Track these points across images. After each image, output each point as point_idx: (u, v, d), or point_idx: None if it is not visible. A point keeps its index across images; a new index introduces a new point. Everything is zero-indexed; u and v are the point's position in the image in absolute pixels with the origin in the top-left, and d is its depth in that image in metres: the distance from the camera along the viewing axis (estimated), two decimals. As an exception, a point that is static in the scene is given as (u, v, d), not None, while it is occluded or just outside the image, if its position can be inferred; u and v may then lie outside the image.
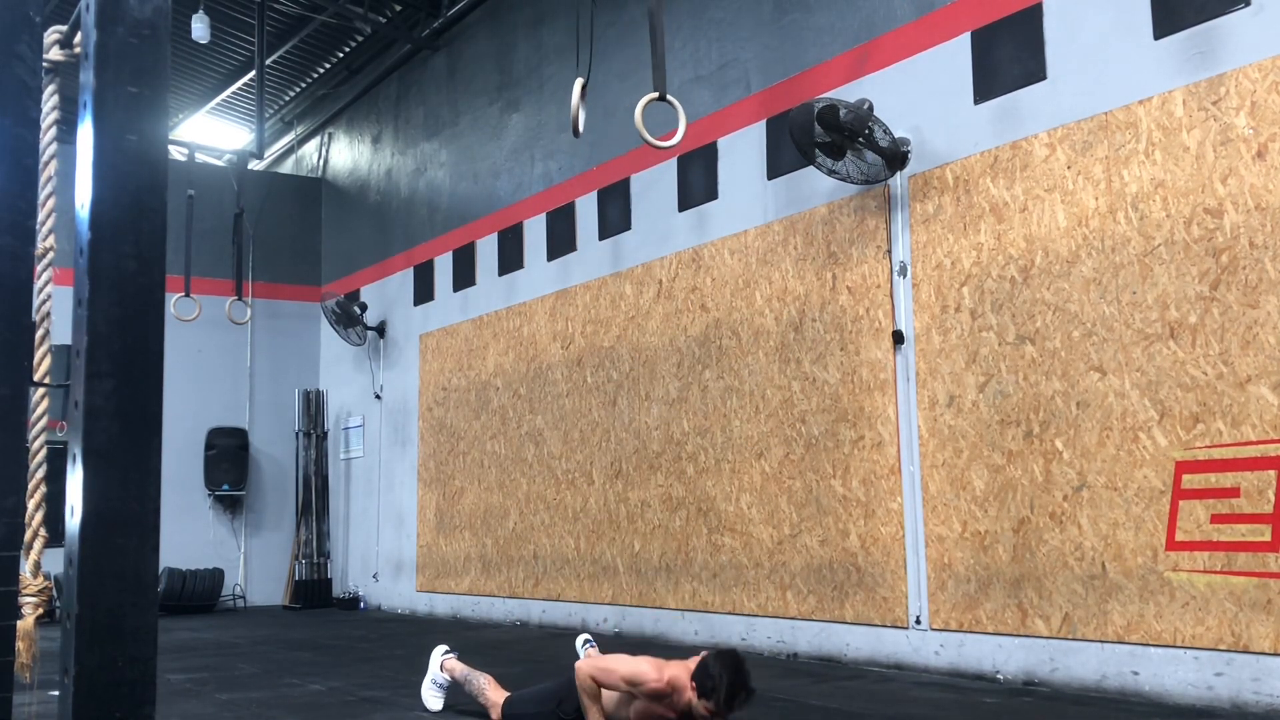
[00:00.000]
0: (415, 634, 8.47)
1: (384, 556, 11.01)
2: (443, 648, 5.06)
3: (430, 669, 5.00)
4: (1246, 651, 4.34)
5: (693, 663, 3.95)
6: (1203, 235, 4.65)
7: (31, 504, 2.01)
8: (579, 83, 4.59)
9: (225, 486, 11.64)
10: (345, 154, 12.63)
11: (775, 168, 6.80)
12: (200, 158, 12.61)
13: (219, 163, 13.59)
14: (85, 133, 1.64)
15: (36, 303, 2.01)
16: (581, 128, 4.62)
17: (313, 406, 12.13)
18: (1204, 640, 4.48)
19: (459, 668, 4.91)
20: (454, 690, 4.98)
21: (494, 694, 4.70)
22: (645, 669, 4.04)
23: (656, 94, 4.48)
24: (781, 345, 6.58)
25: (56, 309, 2.13)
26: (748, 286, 6.88)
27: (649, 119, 4.49)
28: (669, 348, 7.42)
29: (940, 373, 5.66)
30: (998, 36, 5.60)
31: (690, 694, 3.94)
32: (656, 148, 4.56)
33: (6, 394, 1.88)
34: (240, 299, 10.75)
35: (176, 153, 10.68)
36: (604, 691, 4.16)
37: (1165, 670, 4.60)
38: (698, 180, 7.39)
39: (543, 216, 8.97)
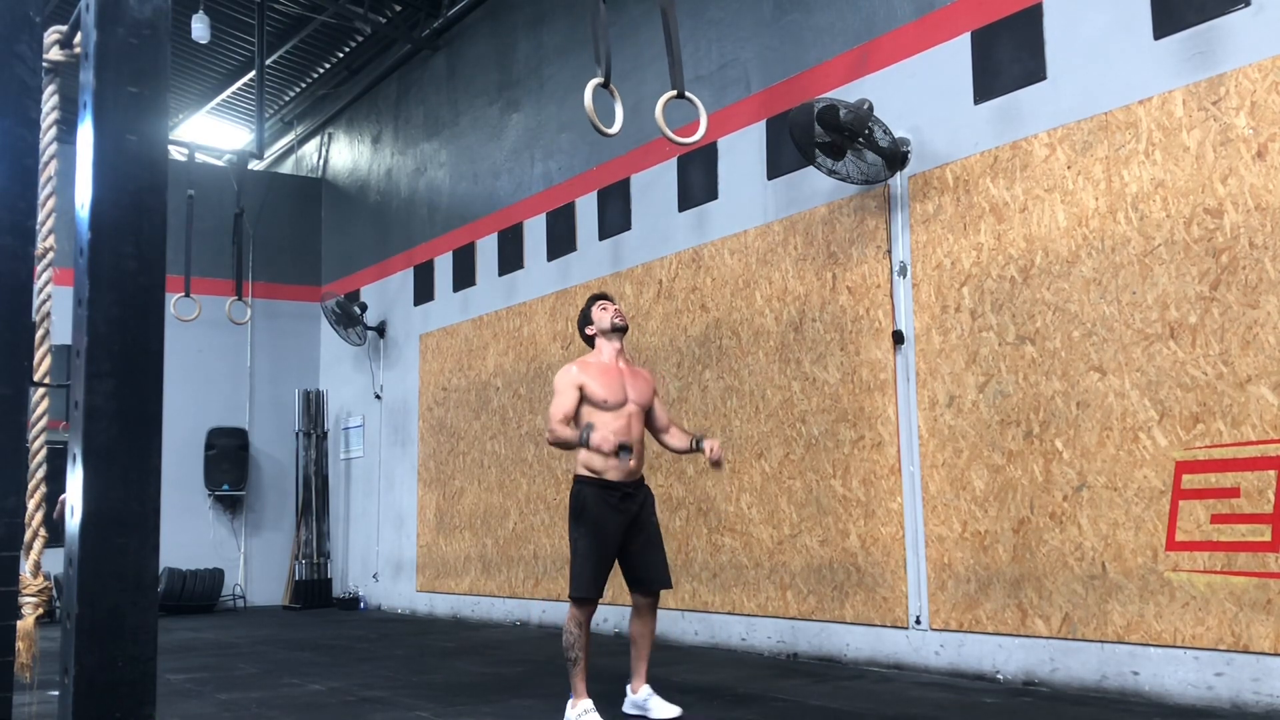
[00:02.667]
0: (415, 634, 8.47)
1: (384, 556, 11.02)
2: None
3: None
4: (1246, 651, 4.34)
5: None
6: (1203, 235, 4.65)
7: (31, 504, 2.01)
8: (594, 82, 4.57)
9: (225, 486, 11.64)
10: (345, 154, 12.63)
11: (775, 168, 6.80)
12: (200, 158, 12.61)
13: (219, 163, 13.59)
14: (85, 133, 1.64)
15: (36, 303, 2.01)
16: (617, 126, 4.56)
17: (313, 406, 12.14)
18: (1204, 640, 4.48)
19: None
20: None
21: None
22: (567, 371, 4.57)
23: (675, 91, 4.53)
24: (781, 345, 6.58)
25: (56, 309, 2.13)
26: (748, 286, 6.88)
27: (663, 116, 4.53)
28: (669, 348, 7.42)
29: (940, 373, 5.66)
30: (998, 36, 5.60)
31: (594, 338, 4.73)
32: (679, 144, 4.60)
33: (6, 394, 1.88)
34: (240, 299, 10.75)
35: (176, 153, 10.68)
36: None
37: (1165, 670, 4.60)
38: (698, 180, 7.39)
39: (543, 216, 8.97)
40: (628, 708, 4.67)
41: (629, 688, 4.69)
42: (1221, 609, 4.43)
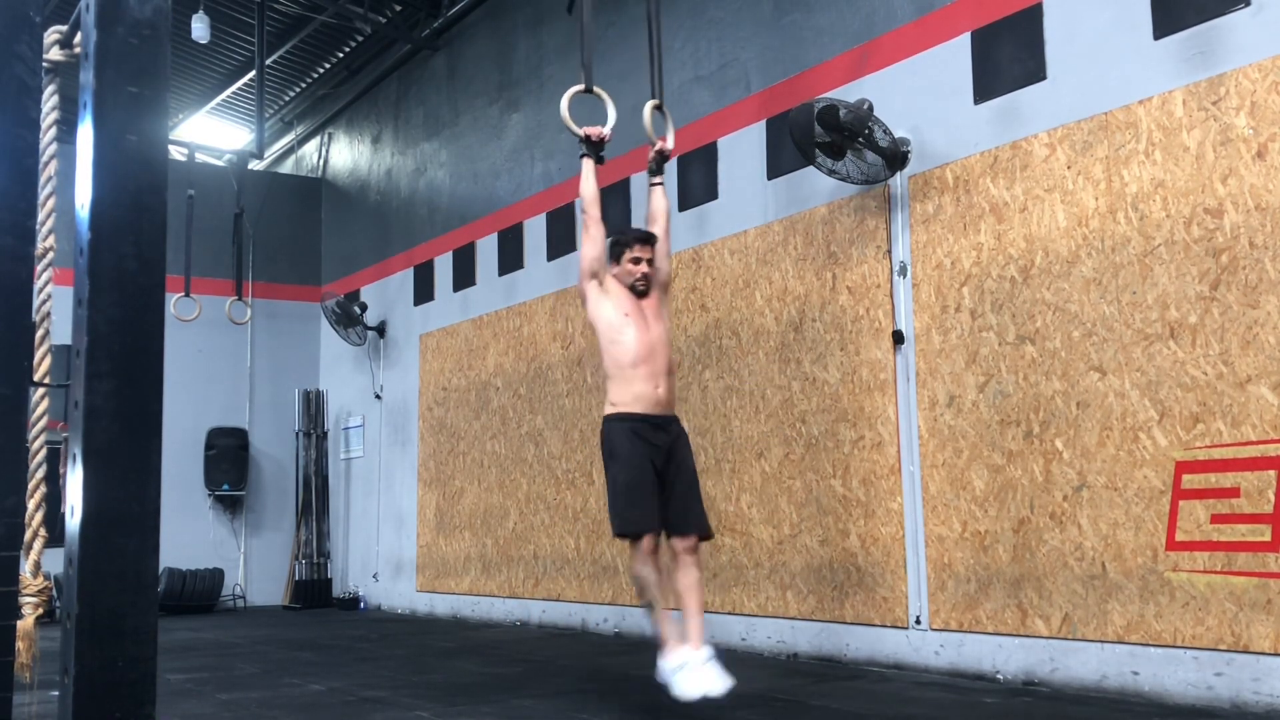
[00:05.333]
0: (415, 634, 8.47)
1: (384, 556, 11.02)
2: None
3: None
4: (1246, 651, 4.34)
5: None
6: (1203, 235, 4.65)
7: (31, 504, 2.01)
8: (574, 89, 4.72)
9: (225, 486, 11.63)
10: (345, 154, 12.63)
11: (775, 168, 6.79)
12: (200, 158, 12.60)
13: (219, 163, 13.59)
14: (85, 133, 1.64)
15: (36, 303, 2.01)
16: (609, 127, 4.71)
17: (313, 406, 12.13)
18: (1204, 640, 4.48)
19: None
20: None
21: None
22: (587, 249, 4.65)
23: (655, 102, 4.75)
24: (781, 345, 6.58)
25: (56, 309, 2.13)
26: (748, 286, 6.88)
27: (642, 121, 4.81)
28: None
29: (940, 373, 5.66)
30: (998, 36, 5.60)
31: (614, 274, 4.68)
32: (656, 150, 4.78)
33: (6, 394, 1.88)
34: (240, 299, 10.75)
35: (176, 153, 10.67)
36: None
37: (1165, 670, 4.60)
38: (697, 180, 7.39)
39: (543, 216, 8.97)
40: (692, 678, 4.07)
41: (686, 648, 4.13)
42: (1221, 609, 4.43)
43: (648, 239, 4.70)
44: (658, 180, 4.87)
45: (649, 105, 4.77)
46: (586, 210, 4.62)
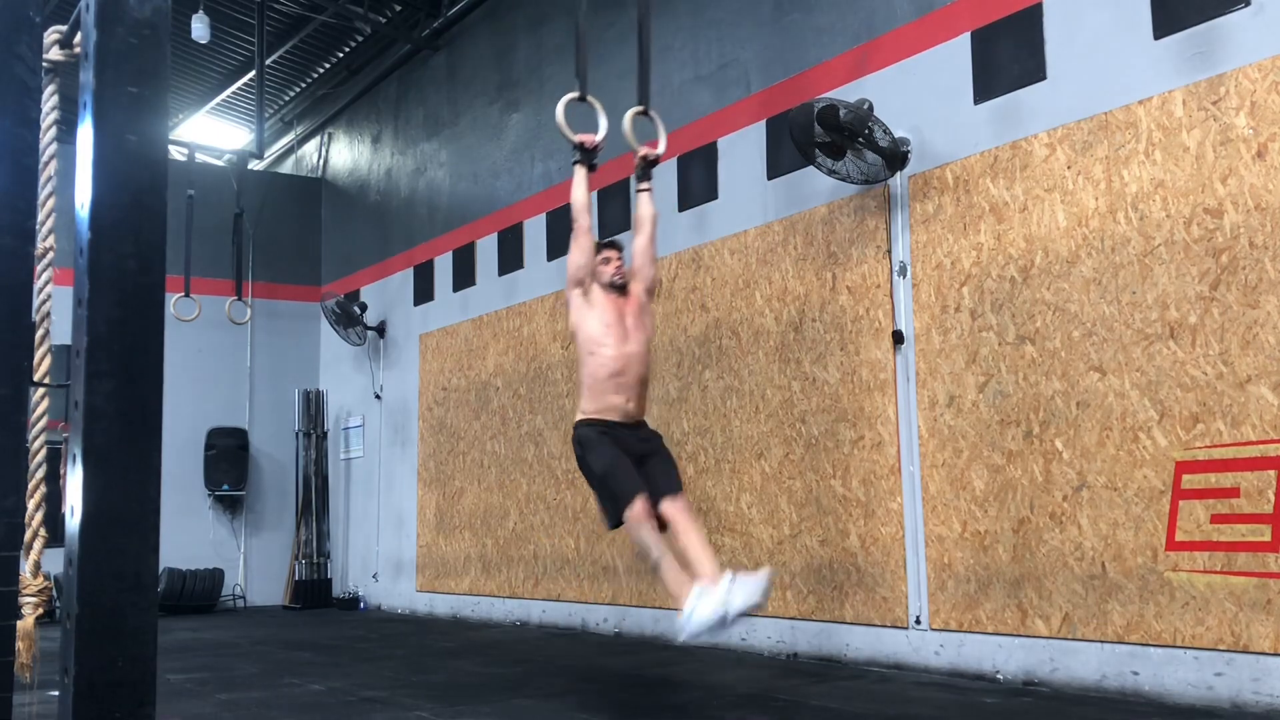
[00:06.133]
0: (415, 634, 8.47)
1: (384, 556, 11.02)
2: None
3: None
4: (1246, 651, 4.34)
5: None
6: (1203, 235, 4.65)
7: (31, 504, 2.01)
8: (568, 96, 4.76)
9: (225, 486, 11.63)
10: (345, 154, 12.63)
11: (775, 168, 6.79)
12: (200, 158, 12.59)
13: (219, 163, 13.58)
14: (85, 133, 1.64)
15: (36, 303, 2.01)
16: (600, 134, 4.75)
17: (313, 406, 12.13)
18: (1204, 640, 4.48)
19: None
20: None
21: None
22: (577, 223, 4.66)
23: (641, 108, 4.80)
24: (781, 345, 6.58)
25: (56, 309, 2.13)
26: (748, 286, 6.88)
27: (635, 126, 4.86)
28: (669, 348, 7.41)
29: (940, 373, 5.66)
30: (998, 36, 5.60)
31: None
32: (640, 156, 4.87)
33: (6, 394, 1.88)
34: (240, 299, 10.74)
35: (176, 153, 10.67)
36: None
37: (1165, 670, 4.60)
38: (697, 180, 7.39)
39: (543, 216, 8.97)
40: (707, 605, 3.98)
41: (705, 583, 4.04)
42: (1221, 609, 4.43)
43: (610, 244, 4.86)
44: (645, 186, 4.90)
45: (630, 112, 4.83)
46: (576, 219, 4.66)
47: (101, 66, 1.61)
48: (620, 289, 4.73)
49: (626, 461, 4.39)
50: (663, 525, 4.35)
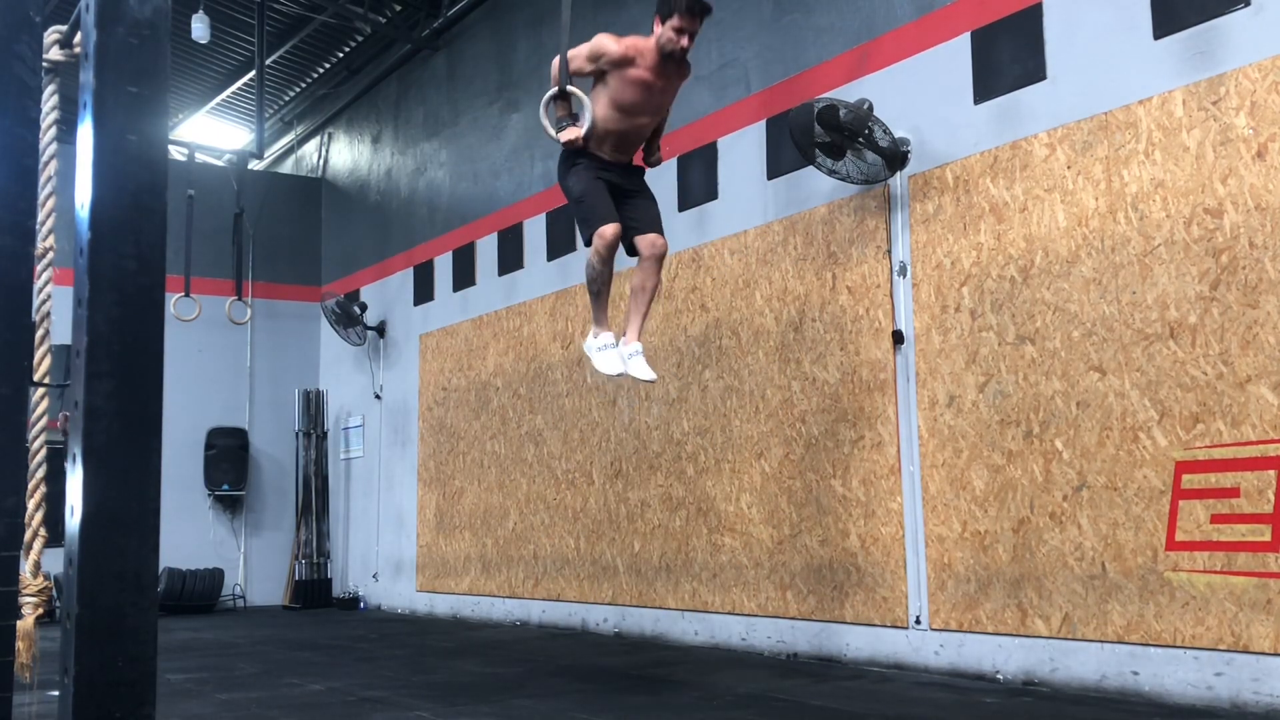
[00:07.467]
0: (415, 634, 8.47)
1: (384, 556, 11.01)
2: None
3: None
4: (1246, 651, 4.34)
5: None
6: (1203, 235, 4.65)
7: (31, 504, 2.01)
8: (551, 92, 4.77)
9: (225, 486, 11.63)
10: (345, 154, 12.63)
11: (775, 168, 6.79)
12: (200, 158, 12.60)
13: (219, 163, 13.58)
14: (85, 133, 1.64)
15: (36, 303, 2.01)
16: (582, 130, 4.76)
17: (313, 406, 12.13)
18: (1204, 640, 4.48)
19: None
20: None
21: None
22: (603, 39, 4.66)
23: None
24: (781, 345, 6.58)
25: (56, 309, 2.13)
26: (748, 286, 6.88)
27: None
28: (669, 348, 7.41)
29: (940, 373, 5.66)
30: (998, 36, 5.60)
31: (655, 32, 4.67)
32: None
33: (6, 394, 1.88)
34: (240, 299, 10.75)
35: (176, 153, 10.67)
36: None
37: (1165, 670, 4.60)
38: (697, 180, 7.39)
39: (543, 216, 8.97)
40: (611, 358, 4.71)
41: (622, 339, 4.76)
42: (1221, 609, 4.43)
43: (697, 10, 4.73)
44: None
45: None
46: (572, 62, 4.70)
47: (101, 66, 1.61)
48: (672, 56, 4.73)
49: (604, 191, 4.64)
50: (635, 251, 4.75)
